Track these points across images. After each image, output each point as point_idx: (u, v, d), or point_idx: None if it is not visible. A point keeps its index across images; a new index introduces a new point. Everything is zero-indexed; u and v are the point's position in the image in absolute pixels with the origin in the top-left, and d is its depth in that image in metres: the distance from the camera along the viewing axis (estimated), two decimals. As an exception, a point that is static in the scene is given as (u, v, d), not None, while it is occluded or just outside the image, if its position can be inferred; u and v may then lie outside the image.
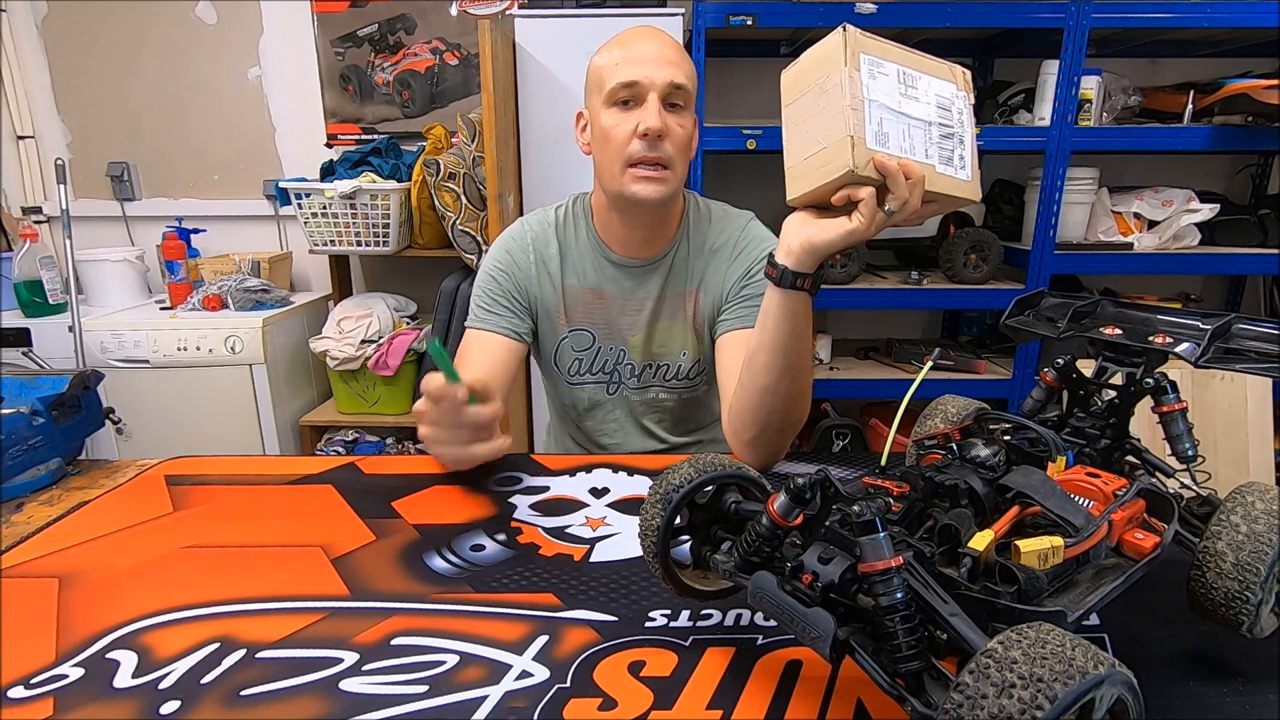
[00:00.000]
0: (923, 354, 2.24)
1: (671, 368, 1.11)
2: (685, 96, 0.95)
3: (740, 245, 1.07)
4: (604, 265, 1.07)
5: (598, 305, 1.08)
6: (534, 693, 0.55)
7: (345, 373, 2.19)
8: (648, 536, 0.60)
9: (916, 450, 0.67)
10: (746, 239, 1.07)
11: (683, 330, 1.09)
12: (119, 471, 0.97)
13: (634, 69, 0.92)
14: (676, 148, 0.95)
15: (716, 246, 1.07)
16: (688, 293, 1.08)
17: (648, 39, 0.96)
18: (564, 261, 1.08)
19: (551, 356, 1.12)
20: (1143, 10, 1.90)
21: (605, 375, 1.12)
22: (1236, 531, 0.52)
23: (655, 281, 1.07)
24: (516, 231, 1.10)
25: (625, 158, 0.94)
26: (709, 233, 1.08)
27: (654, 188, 0.95)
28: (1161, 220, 2.10)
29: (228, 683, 0.56)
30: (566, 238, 1.09)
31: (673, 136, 0.94)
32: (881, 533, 0.43)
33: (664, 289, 1.07)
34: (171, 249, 2.24)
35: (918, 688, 0.42)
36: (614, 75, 0.93)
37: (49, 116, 2.46)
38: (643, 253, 1.06)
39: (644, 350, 1.10)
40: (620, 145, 0.94)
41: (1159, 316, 0.65)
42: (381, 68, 2.40)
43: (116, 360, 2.05)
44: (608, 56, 0.96)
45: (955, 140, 0.73)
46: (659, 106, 0.93)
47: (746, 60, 2.33)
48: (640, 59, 0.93)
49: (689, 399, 1.15)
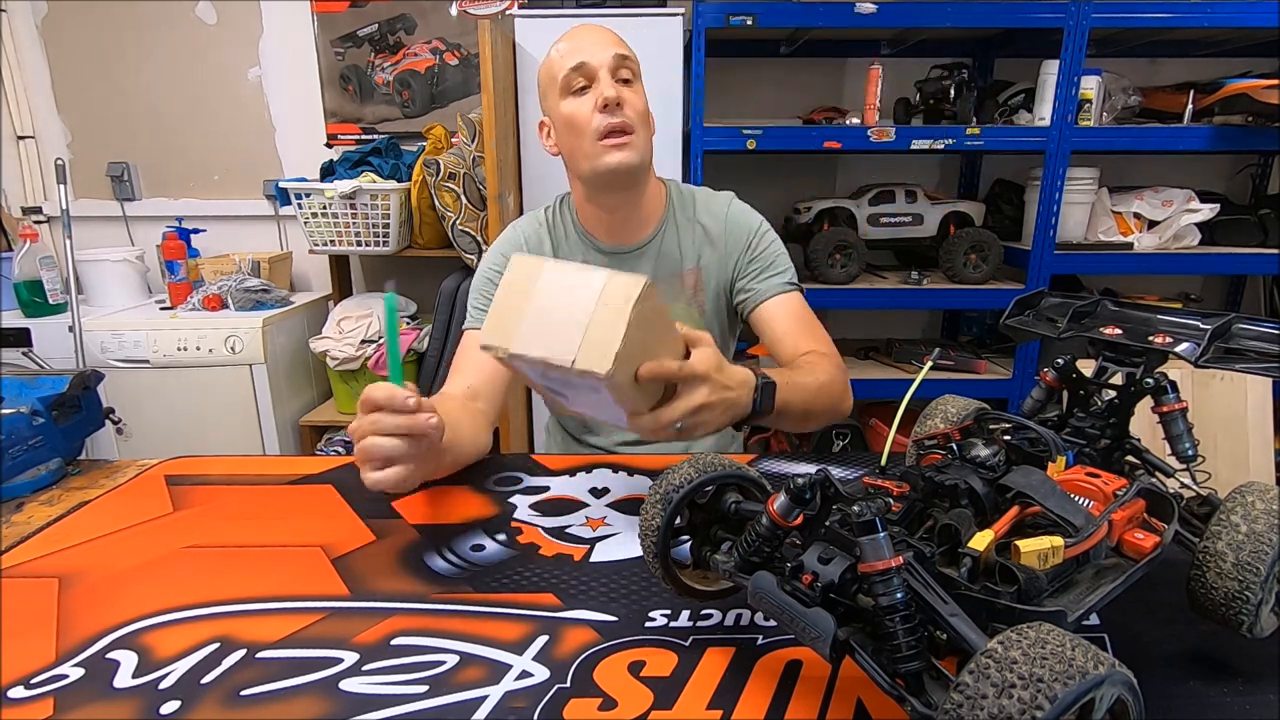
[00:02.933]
0: (923, 354, 2.24)
1: None
2: (633, 69, 1.00)
3: (732, 219, 1.11)
4: (594, 256, 1.10)
5: None
6: (534, 693, 0.55)
7: (345, 373, 2.18)
8: (648, 536, 0.60)
9: (916, 450, 0.67)
10: (735, 214, 1.12)
11: (681, 310, 1.12)
12: (119, 471, 0.97)
13: (579, 54, 0.98)
14: (636, 114, 0.99)
15: (708, 223, 1.11)
16: (685, 271, 1.10)
17: (585, 29, 1.02)
18: (555, 256, 1.10)
19: None
20: (1143, 10, 1.90)
21: None
22: (1236, 531, 0.52)
23: (647, 265, 1.10)
24: (510, 235, 1.14)
25: (593, 133, 0.97)
26: (696, 212, 1.11)
27: (624, 153, 0.98)
28: (1161, 220, 2.10)
29: (228, 683, 0.56)
30: (557, 236, 1.12)
31: (630, 104, 0.98)
32: (881, 533, 0.43)
33: (656, 270, 1.09)
34: (171, 249, 2.24)
35: (918, 688, 0.42)
36: (563, 64, 0.98)
37: (49, 116, 2.46)
38: (629, 237, 1.09)
39: None
40: (584, 124, 0.98)
41: (1159, 316, 0.65)
42: (381, 68, 2.40)
43: (116, 360, 2.05)
44: (552, 54, 1.02)
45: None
46: (611, 80, 0.97)
47: (746, 60, 2.32)
48: (582, 44, 0.99)
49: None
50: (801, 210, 2.19)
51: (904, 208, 2.17)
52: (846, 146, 2.01)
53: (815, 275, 2.09)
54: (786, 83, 2.36)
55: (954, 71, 2.04)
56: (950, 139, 1.96)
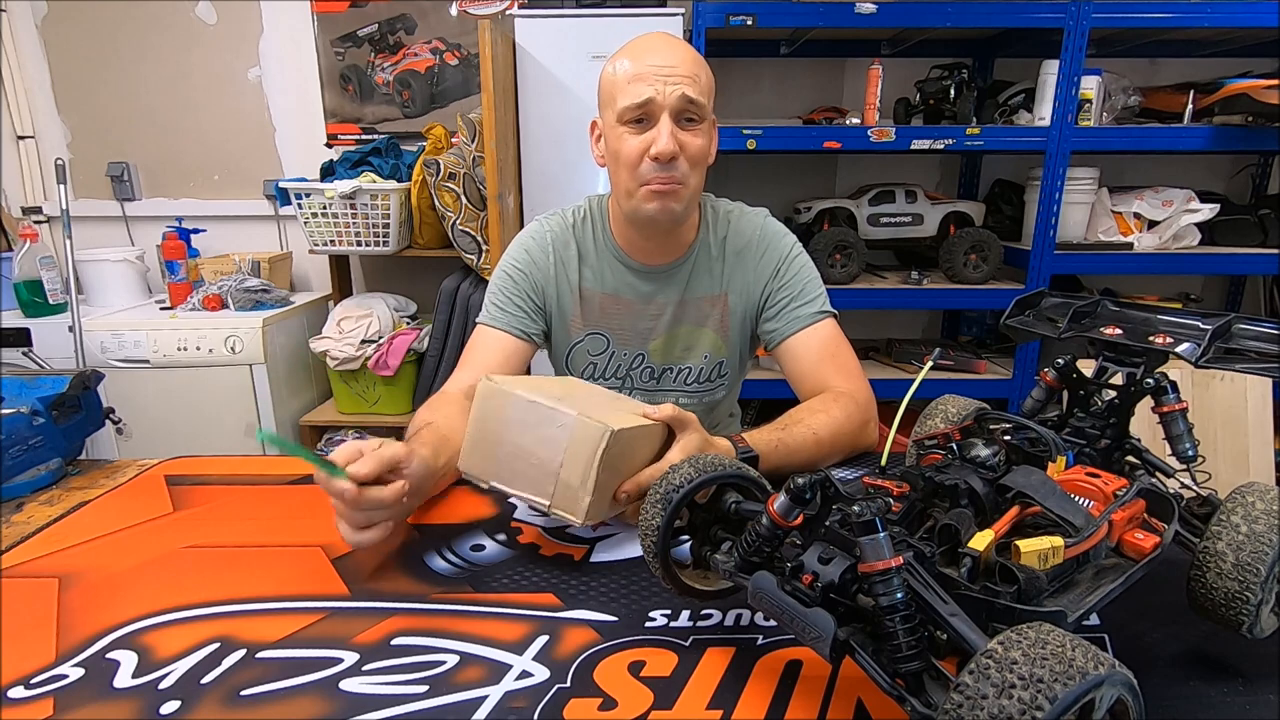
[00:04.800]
0: (923, 354, 2.24)
1: (692, 371, 1.10)
2: (699, 110, 0.92)
3: (763, 243, 1.06)
4: (622, 271, 1.06)
5: (615, 310, 1.07)
6: (534, 693, 0.55)
7: (345, 373, 2.19)
8: (648, 536, 0.60)
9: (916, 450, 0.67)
10: (767, 236, 1.07)
11: (710, 335, 1.08)
12: (119, 471, 0.97)
13: (645, 87, 0.89)
14: (691, 164, 0.93)
15: (739, 247, 1.06)
16: (715, 295, 1.07)
17: (659, 50, 0.92)
18: (582, 264, 1.06)
19: (564, 359, 1.11)
20: (1143, 10, 1.90)
21: (619, 380, 1.11)
22: (1236, 531, 0.52)
23: (676, 286, 1.06)
24: (536, 231, 1.08)
25: (638, 178, 0.93)
26: (729, 234, 1.07)
27: (666, 203, 0.93)
28: (1161, 220, 2.10)
29: (228, 683, 0.56)
30: (585, 241, 1.07)
31: (686, 153, 0.92)
32: (881, 533, 0.43)
33: (685, 293, 1.06)
34: (171, 249, 2.24)
35: (918, 688, 0.42)
36: (624, 94, 0.90)
37: (49, 116, 2.46)
38: (661, 259, 1.05)
39: (664, 353, 1.09)
40: (632, 165, 0.92)
41: (1159, 316, 0.65)
42: (381, 68, 2.40)
43: (116, 360, 2.05)
44: (618, 68, 0.93)
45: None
46: (671, 126, 0.90)
47: (746, 60, 2.32)
48: (651, 74, 0.90)
49: (708, 402, 1.14)
50: (801, 210, 2.19)
51: (904, 208, 2.17)
52: (846, 146, 2.01)
53: (815, 275, 2.09)
54: (786, 83, 2.36)
55: (954, 71, 2.04)
56: (950, 139, 1.96)
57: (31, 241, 2.14)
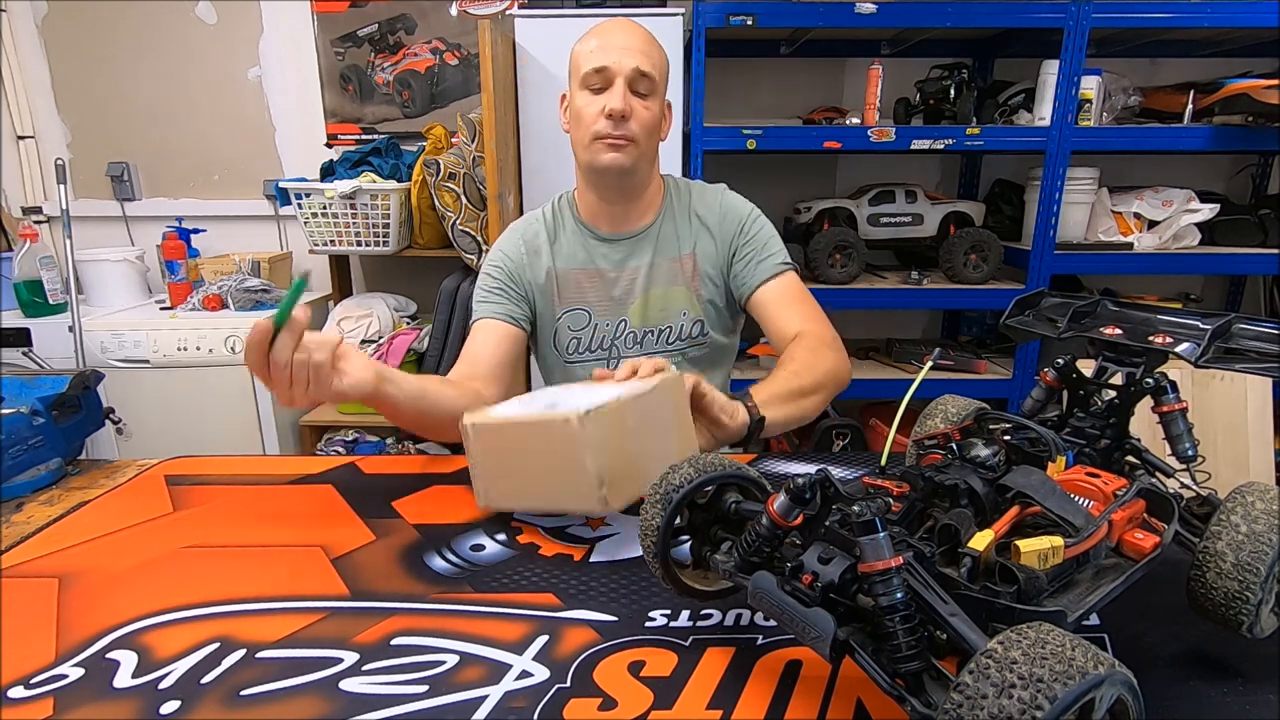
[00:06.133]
0: (923, 354, 2.24)
1: (673, 330, 1.16)
2: (650, 84, 1.03)
3: (725, 207, 1.16)
4: (592, 244, 1.14)
5: (589, 284, 1.15)
6: (534, 693, 0.55)
7: (345, 373, 2.18)
8: (648, 536, 0.60)
9: (916, 450, 0.67)
10: (729, 202, 1.17)
11: (681, 293, 1.15)
12: (119, 471, 0.97)
13: (604, 56, 1.02)
14: (641, 127, 1.03)
15: (701, 212, 1.16)
16: (683, 256, 1.15)
17: (621, 30, 1.06)
18: (553, 247, 1.15)
19: (550, 339, 1.17)
20: (1143, 10, 1.90)
21: (604, 351, 1.17)
22: (1236, 531, 0.52)
23: (646, 250, 1.14)
24: (506, 233, 1.19)
25: (593, 134, 1.03)
26: (692, 201, 1.17)
27: (616, 155, 1.03)
28: (1161, 220, 2.10)
29: (228, 683, 0.56)
30: (554, 228, 1.16)
31: (637, 117, 1.03)
32: (881, 533, 0.43)
33: (655, 255, 1.14)
34: (171, 249, 2.24)
35: (918, 688, 0.42)
36: (587, 62, 1.03)
37: (49, 116, 2.46)
38: (628, 226, 1.14)
39: (642, 316, 1.15)
40: (589, 123, 1.03)
41: (1159, 316, 0.65)
42: (381, 68, 2.40)
43: (116, 360, 2.05)
44: (584, 44, 1.06)
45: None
46: (624, 90, 1.01)
47: (746, 60, 2.32)
48: (611, 47, 1.02)
49: (696, 357, 1.18)
50: (801, 210, 2.19)
51: (904, 208, 2.17)
52: (846, 146, 2.01)
53: (815, 275, 2.09)
54: (786, 83, 2.36)
55: (954, 71, 2.04)
56: (950, 139, 1.96)
57: (31, 241, 2.14)
